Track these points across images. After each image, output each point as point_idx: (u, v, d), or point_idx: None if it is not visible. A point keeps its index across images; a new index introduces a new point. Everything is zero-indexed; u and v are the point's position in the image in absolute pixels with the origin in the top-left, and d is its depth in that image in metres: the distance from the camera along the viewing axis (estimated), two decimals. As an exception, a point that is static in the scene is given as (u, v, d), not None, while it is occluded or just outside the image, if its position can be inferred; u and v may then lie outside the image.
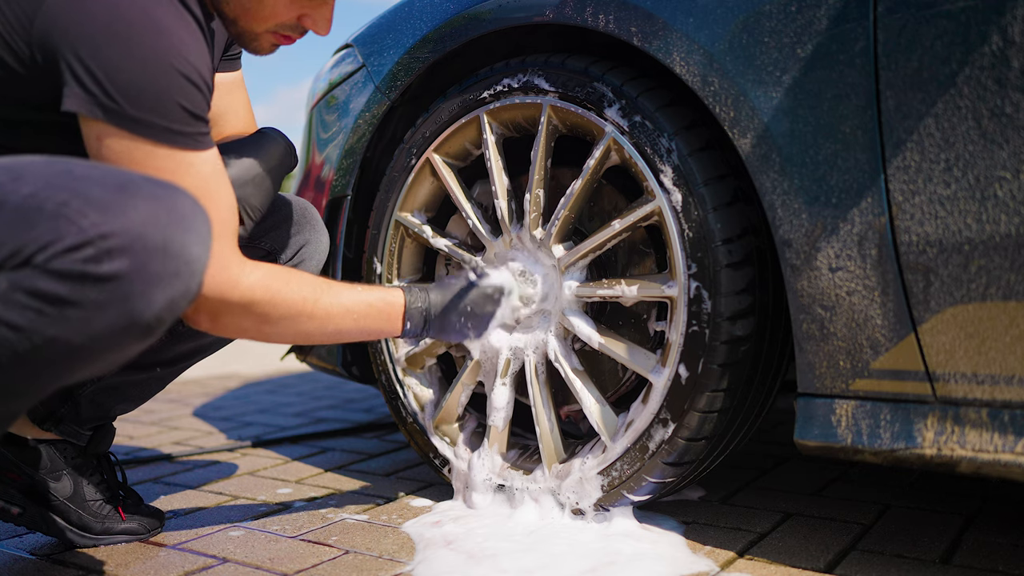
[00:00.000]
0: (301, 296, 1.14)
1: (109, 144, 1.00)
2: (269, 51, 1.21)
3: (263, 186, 1.30)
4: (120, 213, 0.84)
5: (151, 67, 1.00)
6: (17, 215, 0.84)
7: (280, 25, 1.16)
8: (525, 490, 1.43)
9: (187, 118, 1.03)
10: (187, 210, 0.90)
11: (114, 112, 0.98)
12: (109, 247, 0.83)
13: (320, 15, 1.17)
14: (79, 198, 0.84)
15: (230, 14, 1.15)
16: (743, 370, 1.25)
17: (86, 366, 0.89)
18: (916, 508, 1.44)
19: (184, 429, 2.35)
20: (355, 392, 2.92)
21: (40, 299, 0.82)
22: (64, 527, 1.36)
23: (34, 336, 0.83)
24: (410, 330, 1.28)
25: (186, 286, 0.89)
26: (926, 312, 1.04)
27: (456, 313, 1.30)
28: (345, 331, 1.22)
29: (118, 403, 1.41)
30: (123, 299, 0.84)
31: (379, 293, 1.25)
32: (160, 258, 0.86)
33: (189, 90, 1.03)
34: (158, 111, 1.01)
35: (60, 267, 0.82)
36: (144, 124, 1.00)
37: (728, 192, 1.24)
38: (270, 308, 1.11)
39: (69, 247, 0.82)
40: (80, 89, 0.98)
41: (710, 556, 1.25)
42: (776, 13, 1.11)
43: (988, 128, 0.97)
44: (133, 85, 0.99)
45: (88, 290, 0.83)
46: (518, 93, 1.42)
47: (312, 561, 1.28)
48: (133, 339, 0.89)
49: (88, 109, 0.98)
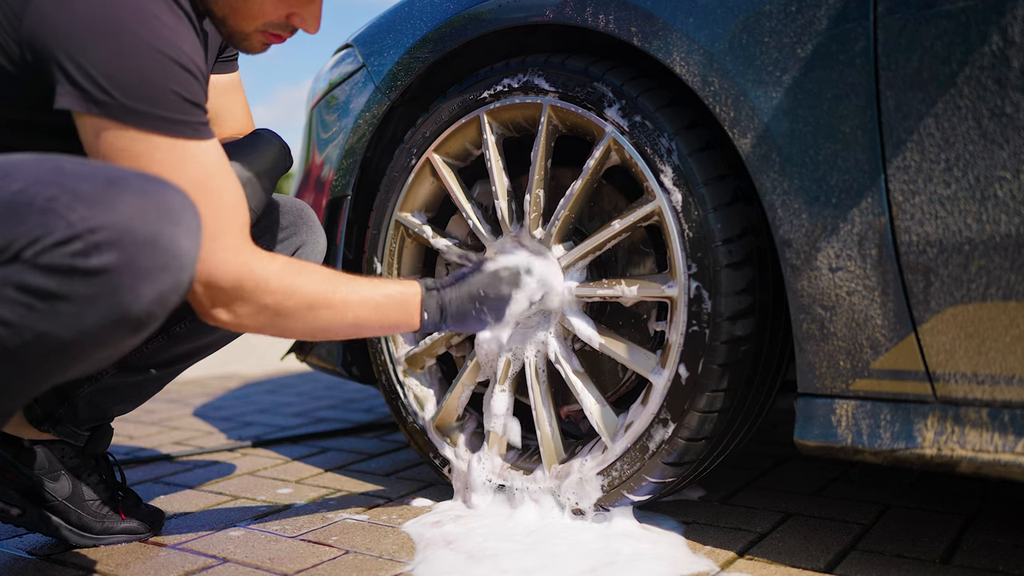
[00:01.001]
0: (319, 286, 1.13)
1: (108, 140, 0.99)
2: (261, 50, 1.21)
3: (258, 187, 1.30)
4: (109, 207, 0.84)
5: (142, 56, 0.98)
6: (6, 211, 0.84)
7: (269, 24, 1.16)
8: (525, 490, 1.43)
9: (184, 105, 1.02)
10: (176, 204, 0.90)
11: (108, 105, 0.97)
12: (98, 241, 0.83)
13: (308, 13, 1.17)
14: (68, 193, 0.84)
15: (219, 13, 1.15)
16: (743, 370, 1.25)
17: (78, 362, 0.89)
18: (916, 508, 1.44)
19: (184, 429, 2.35)
20: (355, 392, 2.92)
21: (30, 294, 0.82)
22: (63, 527, 1.35)
23: (24, 332, 0.83)
24: (428, 321, 1.25)
25: (176, 280, 0.89)
26: (926, 312, 1.03)
27: (471, 299, 1.29)
28: (363, 322, 1.19)
29: (116, 404, 1.41)
30: (112, 293, 0.84)
31: (396, 285, 1.25)
32: (149, 252, 0.85)
33: (183, 77, 1.02)
34: (153, 100, 0.99)
35: (49, 262, 0.82)
36: (140, 114, 0.98)
37: (728, 192, 1.24)
38: (286, 298, 1.09)
39: (57, 241, 0.82)
40: (72, 86, 0.97)
41: (710, 556, 1.25)
42: (776, 13, 1.11)
43: (988, 128, 0.97)
44: (125, 76, 0.97)
45: (77, 284, 0.83)
46: (518, 93, 1.42)
47: (312, 561, 1.28)
48: (124, 334, 0.88)
49: (82, 105, 0.97)
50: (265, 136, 1.36)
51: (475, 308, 1.29)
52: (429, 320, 1.26)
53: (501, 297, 1.32)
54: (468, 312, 1.29)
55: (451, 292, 1.28)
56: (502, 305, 1.32)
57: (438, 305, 1.26)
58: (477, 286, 1.30)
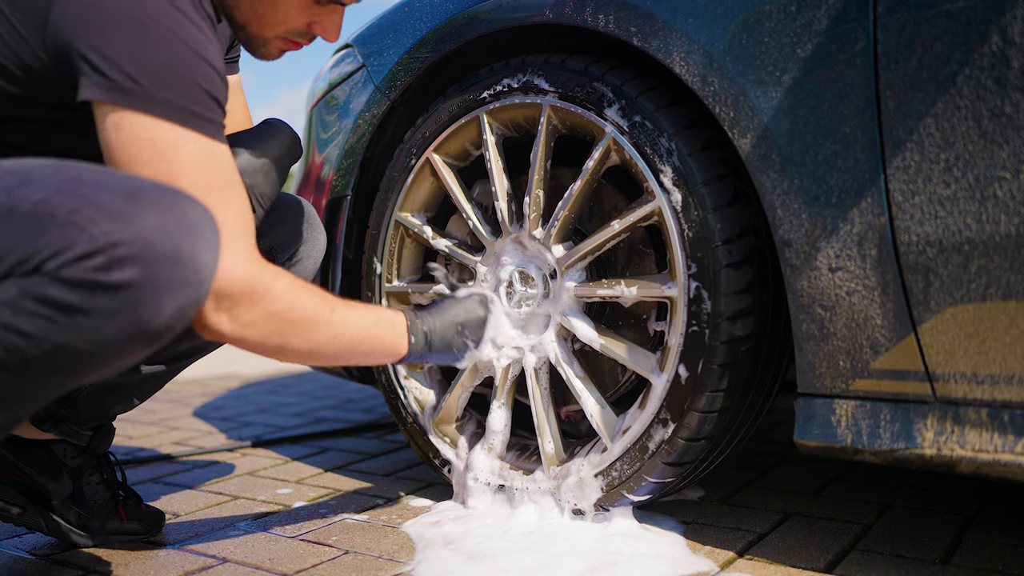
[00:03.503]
0: (319, 301, 1.12)
1: (131, 132, 0.96)
2: (276, 56, 1.20)
3: (271, 175, 1.29)
4: (130, 221, 0.84)
5: (170, 47, 0.97)
6: (27, 221, 0.83)
7: (290, 31, 1.16)
8: (525, 490, 1.43)
9: (209, 102, 1.01)
10: (197, 218, 0.89)
11: (136, 94, 0.95)
12: (120, 256, 0.82)
13: (330, 22, 1.16)
14: (90, 205, 0.84)
15: (240, 19, 1.14)
16: (743, 370, 1.25)
17: (93, 372, 0.89)
18: (916, 508, 1.44)
19: (184, 429, 2.35)
20: (355, 392, 2.92)
21: (50, 307, 0.82)
22: (64, 527, 1.35)
23: (43, 343, 0.83)
24: (414, 346, 1.26)
25: (196, 294, 0.89)
26: (926, 312, 1.03)
27: (453, 326, 1.33)
28: (357, 340, 1.18)
29: (117, 403, 1.41)
30: (133, 307, 0.84)
31: (384, 311, 1.26)
32: (171, 267, 0.85)
33: (209, 73, 1.01)
34: (182, 92, 0.98)
35: (71, 275, 0.82)
36: (169, 105, 0.97)
37: (728, 192, 1.24)
38: (292, 307, 1.07)
39: (80, 255, 0.82)
40: (99, 76, 0.95)
41: (710, 556, 1.25)
42: (776, 13, 1.11)
43: (988, 128, 0.97)
44: (153, 65, 0.96)
45: (98, 298, 0.83)
46: (518, 93, 1.42)
47: (312, 561, 1.28)
48: (142, 346, 0.88)
49: (108, 95, 0.95)
50: (276, 125, 1.36)
51: (458, 334, 1.34)
52: (415, 344, 1.27)
53: (479, 320, 1.38)
54: (452, 339, 1.33)
55: (433, 322, 1.31)
56: (480, 329, 1.37)
57: (423, 334, 1.28)
58: (457, 314, 1.35)
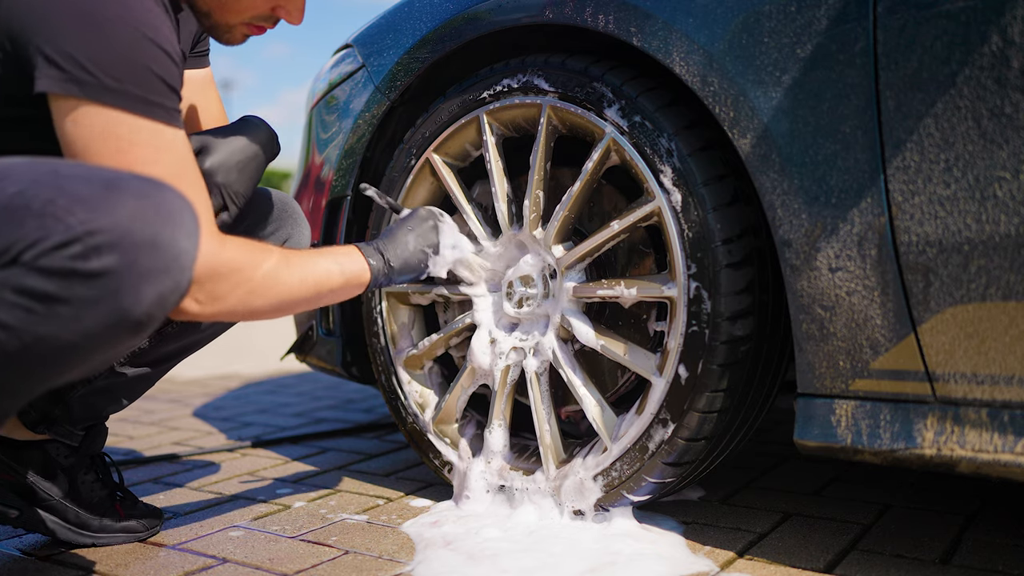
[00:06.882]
0: (275, 259, 1.12)
1: (87, 123, 0.96)
2: (241, 41, 1.22)
3: (246, 172, 1.29)
4: (108, 210, 0.84)
5: (123, 37, 0.97)
6: (3, 214, 0.83)
7: (255, 17, 1.17)
8: (525, 490, 1.42)
9: (164, 89, 1.01)
10: (175, 205, 0.89)
11: (90, 85, 0.95)
12: (97, 243, 0.83)
13: (294, 5, 1.18)
14: (66, 195, 0.84)
15: (203, 7, 1.15)
16: (743, 370, 1.25)
17: (77, 364, 0.89)
18: (916, 508, 1.44)
19: (184, 429, 2.35)
20: (355, 392, 2.92)
21: (29, 297, 0.82)
22: (61, 525, 1.35)
23: (24, 335, 0.83)
24: (375, 267, 1.28)
25: (176, 281, 0.89)
26: (926, 312, 1.03)
27: (405, 241, 1.35)
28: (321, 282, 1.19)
29: (109, 404, 1.41)
30: (113, 295, 0.84)
31: (336, 248, 1.29)
32: (149, 253, 0.85)
33: (163, 60, 1.01)
34: (136, 80, 0.98)
35: (48, 264, 0.82)
36: (123, 95, 0.97)
37: (728, 192, 1.24)
38: (251, 270, 1.07)
39: (57, 244, 0.82)
40: (53, 69, 0.95)
41: (710, 556, 1.25)
42: (776, 13, 1.11)
43: (988, 128, 0.97)
44: (107, 55, 0.96)
45: (77, 287, 0.83)
46: (518, 93, 1.42)
47: (312, 561, 1.28)
48: (124, 336, 0.88)
49: (62, 87, 0.95)
50: (253, 121, 1.36)
51: (413, 246, 1.35)
52: (376, 265, 1.28)
53: (429, 227, 1.39)
54: (408, 252, 1.34)
55: (384, 239, 1.34)
56: (433, 234, 1.39)
57: (377, 250, 1.30)
58: (406, 228, 1.37)
